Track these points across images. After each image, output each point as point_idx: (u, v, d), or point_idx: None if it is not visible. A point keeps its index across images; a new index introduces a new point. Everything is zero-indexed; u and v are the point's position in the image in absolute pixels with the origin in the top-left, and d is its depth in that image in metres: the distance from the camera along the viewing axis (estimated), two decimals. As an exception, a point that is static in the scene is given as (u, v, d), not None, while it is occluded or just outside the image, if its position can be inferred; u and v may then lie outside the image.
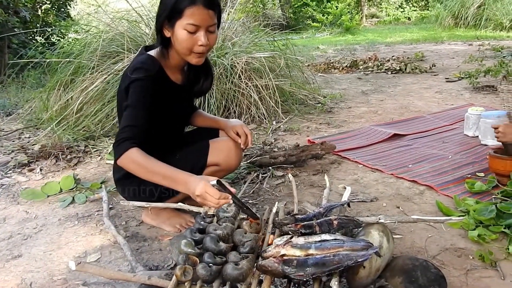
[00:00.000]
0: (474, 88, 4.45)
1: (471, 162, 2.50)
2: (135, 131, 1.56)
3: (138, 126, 1.57)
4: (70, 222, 2.04)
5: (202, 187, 1.41)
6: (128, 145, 1.52)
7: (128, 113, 1.60)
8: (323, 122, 3.56)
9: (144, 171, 1.52)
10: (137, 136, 1.56)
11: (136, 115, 1.59)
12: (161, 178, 1.52)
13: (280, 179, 2.41)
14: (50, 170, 2.73)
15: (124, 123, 1.59)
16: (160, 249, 1.77)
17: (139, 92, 1.61)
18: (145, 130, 1.59)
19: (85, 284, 1.55)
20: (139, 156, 1.51)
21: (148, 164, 1.51)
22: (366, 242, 1.28)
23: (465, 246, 1.69)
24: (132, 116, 1.59)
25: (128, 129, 1.56)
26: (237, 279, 1.21)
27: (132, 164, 1.53)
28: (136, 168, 1.53)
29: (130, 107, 1.60)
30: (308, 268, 1.20)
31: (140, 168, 1.52)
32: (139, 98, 1.61)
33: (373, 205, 2.06)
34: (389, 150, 2.79)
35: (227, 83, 3.48)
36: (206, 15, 1.59)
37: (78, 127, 3.30)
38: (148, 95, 1.62)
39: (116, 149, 1.55)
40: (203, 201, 1.43)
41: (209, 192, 1.40)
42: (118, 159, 1.54)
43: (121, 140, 1.54)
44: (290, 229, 1.40)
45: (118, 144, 1.54)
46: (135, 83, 1.61)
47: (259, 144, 2.94)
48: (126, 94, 1.65)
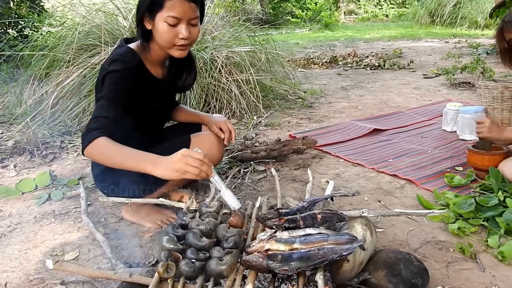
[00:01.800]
0: (451, 84, 4.53)
1: (450, 156, 2.54)
2: (105, 122, 1.49)
3: (109, 117, 1.51)
4: (47, 220, 1.97)
5: (183, 151, 1.34)
6: (96, 134, 1.45)
7: (100, 103, 1.55)
8: (304, 117, 3.56)
9: (109, 157, 1.44)
10: (106, 127, 1.48)
11: (108, 106, 1.53)
12: (127, 160, 1.42)
13: (262, 173, 2.39)
14: (24, 167, 2.64)
15: (95, 113, 1.53)
16: (140, 245, 1.73)
17: (113, 83, 1.56)
18: (116, 122, 1.53)
19: (63, 283, 1.50)
20: (105, 144, 1.44)
21: (114, 149, 1.43)
22: (350, 236, 1.28)
23: (445, 239, 1.71)
24: (103, 107, 1.53)
25: (98, 120, 1.50)
26: (221, 275, 1.19)
27: (97, 152, 1.45)
28: (101, 155, 1.45)
29: (103, 98, 1.54)
30: (293, 263, 1.19)
31: (105, 155, 1.44)
32: (113, 89, 1.55)
33: (355, 199, 2.07)
34: (369, 145, 2.81)
35: (207, 78, 3.44)
36: (187, 8, 1.55)
37: (54, 122, 3.20)
38: (123, 88, 1.57)
39: (84, 139, 1.48)
40: (184, 166, 1.33)
41: (191, 154, 1.34)
42: (85, 148, 1.46)
43: (89, 130, 1.47)
44: (274, 224, 1.38)
45: (85, 134, 1.48)
46: (111, 75, 1.56)
47: (240, 139, 2.92)
48: (101, 87, 1.60)
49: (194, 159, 1.34)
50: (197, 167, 1.34)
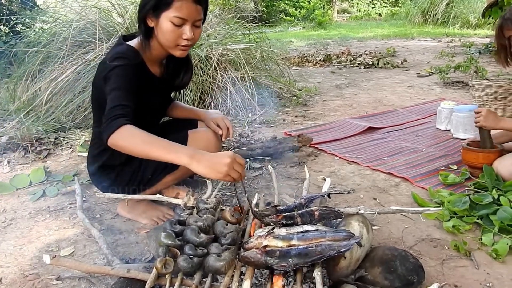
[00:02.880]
0: (445, 83, 4.56)
1: (444, 155, 2.56)
2: (127, 110, 1.44)
3: (128, 105, 1.46)
4: (41, 216, 1.96)
5: (232, 155, 1.31)
6: (122, 122, 1.39)
7: (115, 94, 1.48)
8: (299, 115, 3.57)
9: (139, 144, 1.37)
10: (130, 115, 1.43)
11: (124, 96, 1.48)
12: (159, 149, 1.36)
13: (257, 171, 2.40)
14: (18, 163, 2.62)
15: (113, 103, 1.45)
16: (137, 242, 1.73)
17: (123, 76, 1.53)
18: (134, 110, 1.48)
19: (59, 279, 1.49)
20: (134, 131, 1.38)
21: (144, 136, 1.37)
22: (347, 233, 1.29)
23: (440, 236, 1.72)
24: (121, 97, 1.47)
25: (120, 108, 1.43)
26: (219, 271, 1.20)
27: (125, 140, 1.37)
28: (129, 143, 1.37)
29: (116, 89, 1.50)
30: (290, 259, 1.20)
31: (134, 142, 1.37)
32: (124, 81, 1.52)
33: (351, 197, 2.08)
34: (364, 143, 2.83)
35: (202, 75, 3.44)
36: (194, 10, 1.55)
37: (48, 118, 3.18)
38: (132, 80, 1.55)
39: (108, 127, 1.39)
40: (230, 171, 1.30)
41: (238, 160, 1.32)
42: (110, 136, 1.38)
43: (112, 118, 1.40)
44: (271, 220, 1.39)
45: (109, 122, 1.40)
46: (117, 69, 1.54)
47: (236, 137, 2.92)
48: (106, 83, 1.57)
49: (240, 165, 1.32)
50: (240, 172, 1.33)
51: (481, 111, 2.11)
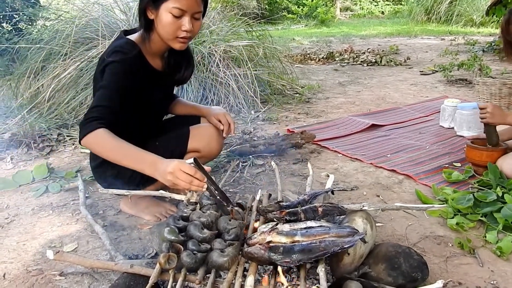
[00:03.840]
0: (448, 81, 4.55)
1: (448, 152, 2.55)
2: (104, 112, 1.48)
3: (108, 106, 1.50)
4: (45, 212, 1.96)
5: (175, 164, 1.32)
6: (95, 125, 1.44)
7: (100, 93, 1.54)
8: (302, 112, 3.56)
9: (108, 151, 1.43)
10: (105, 117, 1.47)
11: (108, 95, 1.52)
12: (129, 160, 1.42)
13: (260, 167, 2.39)
14: (21, 159, 2.62)
15: (94, 103, 1.51)
16: (139, 238, 1.73)
17: (113, 74, 1.54)
18: (115, 112, 1.52)
19: (62, 274, 1.49)
20: (104, 137, 1.43)
21: (113, 144, 1.42)
22: (351, 229, 1.29)
23: (444, 234, 1.72)
24: (103, 96, 1.52)
25: (97, 109, 1.48)
26: (223, 267, 1.19)
27: (96, 144, 1.45)
28: (101, 149, 1.45)
29: (103, 87, 1.54)
30: (294, 255, 1.19)
31: (106, 149, 1.43)
32: (112, 79, 1.54)
33: (354, 194, 2.07)
34: (367, 140, 2.82)
35: (205, 72, 3.43)
36: (193, 1, 1.55)
37: (51, 115, 3.18)
38: (123, 78, 1.56)
39: (82, 129, 1.46)
40: (174, 180, 1.32)
41: (183, 168, 1.31)
42: (83, 138, 1.45)
43: (88, 119, 1.46)
44: (275, 216, 1.39)
45: (85, 123, 1.46)
46: (111, 65, 1.55)
47: (238, 133, 2.92)
48: (101, 77, 1.58)
49: (185, 174, 1.31)
50: (186, 182, 1.32)
51: (486, 107, 2.09)
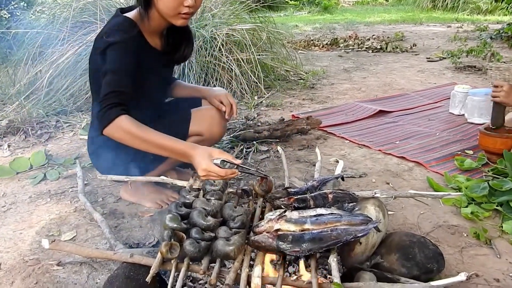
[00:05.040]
0: (456, 68, 4.44)
1: (459, 139, 2.48)
2: (122, 97, 1.41)
3: (123, 91, 1.42)
4: (42, 200, 1.90)
5: (204, 168, 1.31)
6: (117, 112, 1.36)
7: (110, 78, 1.43)
8: (306, 98, 3.48)
9: (139, 141, 1.38)
10: (124, 102, 1.40)
11: (119, 80, 1.43)
12: (159, 149, 1.39)
13: (264, 154, 2.32)
14: (19, 146, 2.56)
15: (107, 89, 1.42)
16: (140, 226, 1.67)
17: (119, 55, 1.46)
18: (131, 96, 1.44)
19: (60, 264, 1.44)
20: (130, 124, 1.36)
21: (142, 133, 1.37)
22: (364, 217, 1.21)
23: (458, 223, 1.65)
24: (115, 81, 1.43)
25: (114, 95, 1.40)
26: (229, 256, 1.12)
27: (123, 133, 1.37)
28: (128, 137, 1.38)
29: (111, 72, 1.44)
30: (304, 244, 1.12)
31: (134, 138, 1.37)
32: (120, 62, 1.46)
33: (362, 181, 2.00)
34: (375, 126, 2.75)
35: (207, 56, 3.34)
36: None
37: (49, 101, 3.11)
38: (129, 59, 1.48)
39: (103, 117, 1.37)
40: (207, 178, 1.34)
41: (213, 171, 1.30)
42: (106, 128, 1.37)
43: (107, 107, 1.37)
44: (282, 203, 1.31)
45: (105, 111, 1.37)
46: (114, 46, 1.46)
47: (242, 119, 2.84)
48: (102, 59, 1.49)
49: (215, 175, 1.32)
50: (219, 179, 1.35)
51: (502, 85, 1.99)
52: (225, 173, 1.30)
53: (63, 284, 1.37)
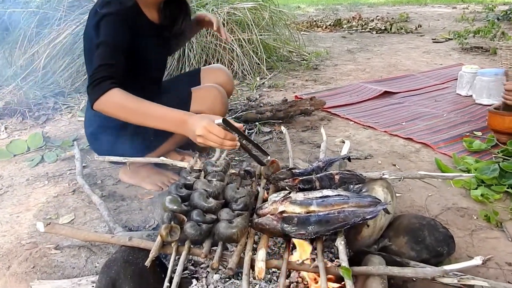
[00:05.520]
0: (463, 49, 4.35)
1: (467, 121, 2.42)
2: (113, 70, 1.33)
3: (115, 64, 1.34)
4: (40, 182, 1.86)
5: (204, 125, 1.19)
6: (108, 85, 1.28)
7: (101, 51, 1.36)
8: (309, 79, 3.41)
9: (132, 113, 1.29)
10: (115, 76, 1.32)
11: (111, 52, 1.36)
12: (153, 119, 1.30)
13: (267, 135, 2.27)
14: (16, 129, 2.51)
15: (98, 62, 1.34)
16: (140, 208, 1.63)
17: (113, 27, 1.38)
18: (123, 70, 1.37)
19: (58, 248, 1.40)
20: (123, 97, 1.28)
21: (136, 104, 1.29)
22: (372, 198, 1.16)
23: (467, 205, 1.60)
24: (106, 54, 1.35)
25: (104, 68, 1.32)
26: (231, 239, 1.07)
27: (115, 106, 1.29)
28: (120, 110, 1.30)
29: (103, 44, 1.36)
30: (310, 226, 1.07)
31: (126, 110, 1.29)
32: (112, 34, 1.38)
33: (368, 163, 1.95)
34: (380, 107, 2.69)
35: (207, 36, 3.25)
36: None
37: (46, 82, 3.05)
38: (122, 31, 1.40)
39: (93, 91, 1.29)
40: (205, 142, 1.21)
41: (213, 131, 1.19)
42: (96, 102, 1.29)
43: (97, 80, 1.29)
44: (287, 184, 1.26)
45: (94, 85, 1.29)
46: (107, 18, 1.38)
47: (244, 100, 2.77)
48: (96, 33, 1.41)
49: (215, 136, 1.19)
50: (217, 143, 1.21)
51: None
52: (225, 135, 1.19)
53: (61, 268, 1.33)
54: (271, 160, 1.37)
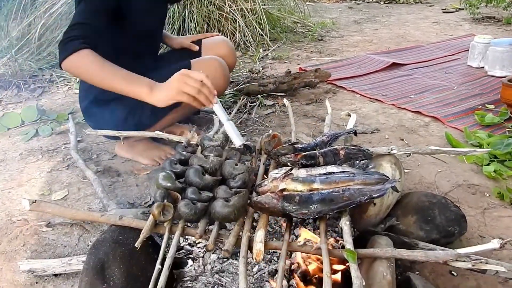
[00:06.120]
0: (474, 19, 4.19)
1: (478, 93, 2.31)
2: (87, 30, 1.25)
3: (90, 24, 1.26)
4: (33, 157, 1.80)
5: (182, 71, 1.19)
6: (78, 45, 1.21)
7: (80, 8, 1.28)
8: (315, 51, 3.30)
9: (95, 74, 1.24)
10: (89, 36, 1.25)
11: (89, 11, 1.27)
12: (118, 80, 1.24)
13: (270, 108, 2.19)
14: (11, 102, 2.43)
15: (74, 19, 1.27)
16: (136, 184, 1.57)
17: None
18: (99, 31, 1.28)
19: (50, 225, 1.35)
20: (90, 58, 1.22)
21: (101, 65, 1.23)
22: (380, 175, 1.07)
23: (479, 182, 1.52)
24: (84, 12, 1.27)
25: (79, 27, 1.25)
26: (228, 218, 1.00)
27: (80, 67, 1.24)
28: (85, 71, 1.25)
29: (84, 1, 1.28)
30: (313, 205, 0.99)
31: (90, 71, 1.24)
32: None
33: (375, 137, 1.86)
34: (388, 79, 2.59)
35: (208, 6, 3.13)
36: None
37: (42, 53, 2.95)
38: None
39: (62, 49, 1.23)
40: (182, 86, 1.18)
41: (191, 75, 1.18)
42: (64, 61, 1.23)
43: (68, 38, 1.23)
44: (288, 160, 1.18)
45: (65, 43, 1.23)
46: None
47: (246, 72, 2.67)
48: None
49: (194, 79, 1.17)
50: (196, 87, 1.17)
51: None
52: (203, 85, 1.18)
53: (52, 247, 1.28)
54: (272, 134, 1.29)
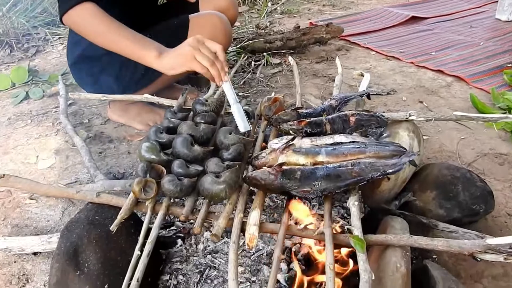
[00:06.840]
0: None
1: (508, 50, 2.15)
2: None
3: None
4: (22, 122, 1.70)
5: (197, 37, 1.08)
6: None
7: None
8: (327, 4, 3.13)
9: (100, 31, 1.14)
10: None
11: None
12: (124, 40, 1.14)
13: (276, 67, 2.05)
14: (3, 62, 2.32)
15: None
16: (128, 152, 1.47)
17: None
18: None
19: (33, 198, 1.26)
20: (95, 12, 1.13)
21: (107, 22, 1.13)
22: (396, 147, 0.92)
23: (508, 151, 1.38)
24: None
25: None
26: (218, 196, 0.87)
27: (84, 21, 1.15)
28: (88, 27, 1.15)
29: None
30: (316, 182, 0.85)
31: (95, 27, 1.14)
32: None
33: (390, 99, 1.71)
34: (406, 35, 2.43)
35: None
36: None
37: (37, 10, 2.77)
38: None
39: (63, 2, 1.14)
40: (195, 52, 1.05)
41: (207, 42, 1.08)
42: (65, 15, 1.14)
43: None
44: (291, 128, 1.03)
45: None
46: None
47: (252, 28, 2.48)
48: None
49: (208, 48, 1.06)
50: (210, 58, 1.06)
51: None
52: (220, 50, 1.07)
53: (34, 221, 1.19)
54: (273, 98, 1.14)
